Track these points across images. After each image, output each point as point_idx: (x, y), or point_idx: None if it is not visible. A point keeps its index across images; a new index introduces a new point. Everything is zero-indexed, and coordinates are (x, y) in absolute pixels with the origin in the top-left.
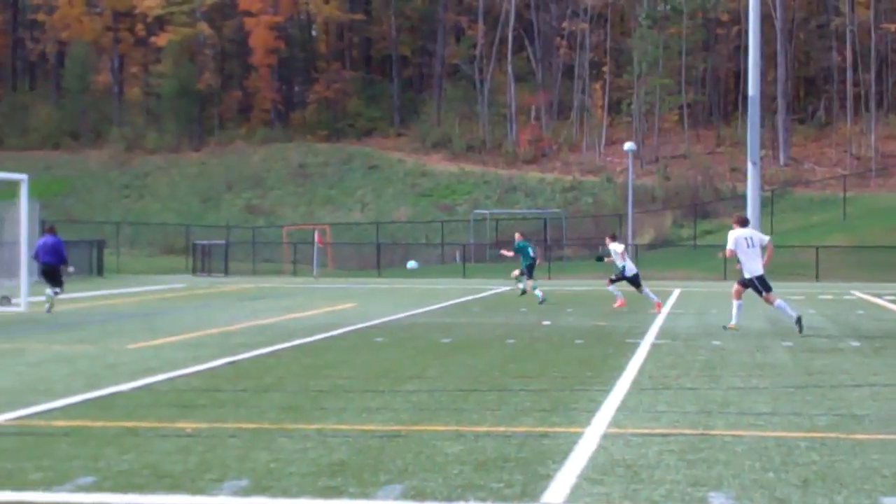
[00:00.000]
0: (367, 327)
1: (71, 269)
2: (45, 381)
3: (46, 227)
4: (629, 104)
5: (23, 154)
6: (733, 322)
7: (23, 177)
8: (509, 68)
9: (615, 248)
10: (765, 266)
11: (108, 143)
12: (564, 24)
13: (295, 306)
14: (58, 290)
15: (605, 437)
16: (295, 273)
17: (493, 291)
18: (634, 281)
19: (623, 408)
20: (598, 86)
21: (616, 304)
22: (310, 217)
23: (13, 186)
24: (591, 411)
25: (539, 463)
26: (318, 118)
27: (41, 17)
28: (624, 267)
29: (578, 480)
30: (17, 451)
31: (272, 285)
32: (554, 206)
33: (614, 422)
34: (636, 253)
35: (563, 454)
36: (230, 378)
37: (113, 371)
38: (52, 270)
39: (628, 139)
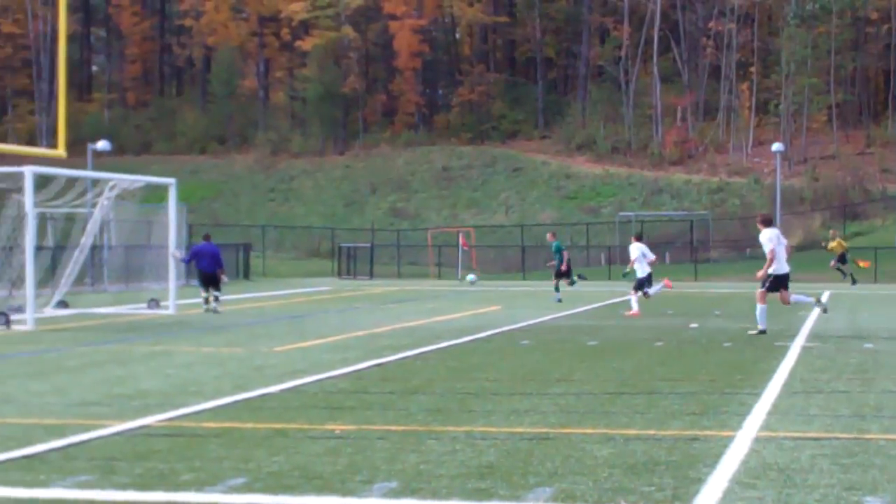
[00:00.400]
0: (512, 330)
1: (225, 279)
2: (195, 383)
3: (203, 235)
4: (777, 104)
5: (170, 158)
6: (760, 326)
7: (171, 181)
8: (655, 69)
9: (632, 249)
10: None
11: (253, 148)
12: (711, 24)
13: (440, 309)
14: (217, 294)
15: (757, 440)
16: (440, 276)
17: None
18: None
19: (774, 411)
20: (745, 86)
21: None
22: (454, 220)
23: (161, 191)
24: (742, 415)
25: (690, 467)
26: (461, 121)
27: (188, 22)
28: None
29: (730, 484)
30: (168, 453)
31: (417, 288)
32: (700, 208)
33: (766, 425)
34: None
35: (715, 458)
36: (377, 380)
37: (261, 373)
38: (212, 277)
39: (776, 140)
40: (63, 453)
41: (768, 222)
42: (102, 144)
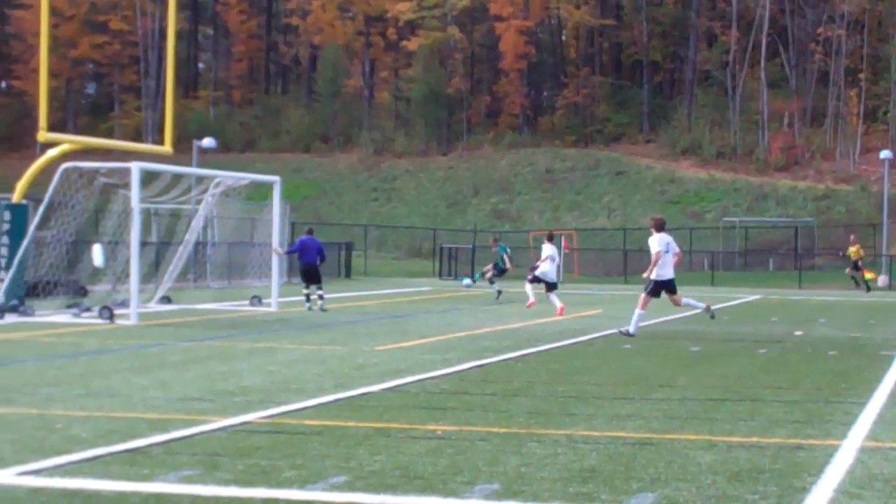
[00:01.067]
0: (614, 334)
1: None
2: (297, 381)
3: (307, 230)
4: (885, 112)
5: (274, 156)
6: (632, 329)
7: (276, 179)
8: (762, 74)
9: (546, 249)
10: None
11: (357, 147)
12: (820, 30)
13: (541, 311)
14: (321, 292)
15: (863, 450)
16: None
17: (742, 300)
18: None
19: (880, 421)
20: (853, 93)
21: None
22: (556, 222)
23: (265, 188)
24: (847, 424)
25: (794, 475)
26: (566, 123)
27: (294, 21)
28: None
29: (835, 494)
30: (270, 449)
31: (517, 290)
32: (805, 215)
33: (872, 435)
34: (890, 263)
35: (819, 467)
36: (478, 382)
37: (362, 372)
38: (314, 269)
39: (884, 147)
40: (166, 448)
41: (661, 227)
42: (208, 142)
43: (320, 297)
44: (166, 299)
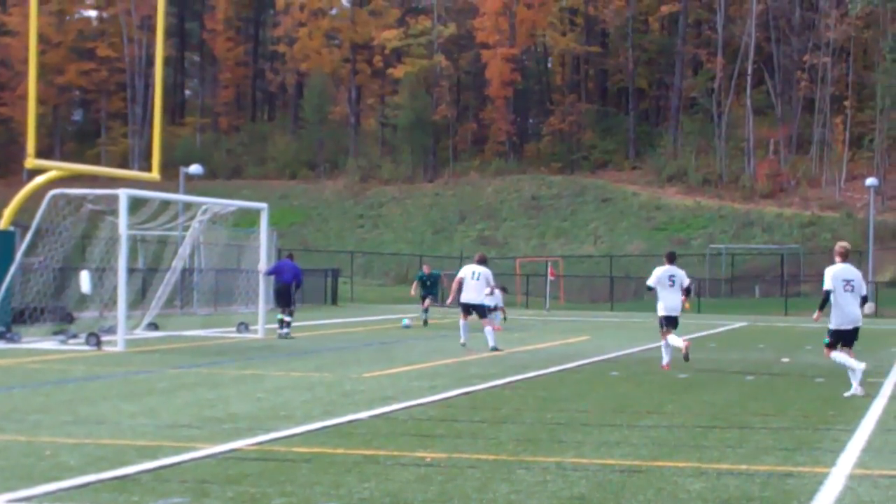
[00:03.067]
0: (601, 361)
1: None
2: (285, 407)
3: (286, 254)
4: (871, 139)
5: (261, 183)
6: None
7: (263, 206)
8: (748, 101)
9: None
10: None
11: (343, 174)
12: (805, 58)
13: (528, 338)
14: (290, 319)
15: (852, 477)
16: (527, 305)
17: (729, 327)
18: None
19: (869, 448)
20: (839, 120)
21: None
22: (542, 249)
23: (252, 215)
24: (836, 451)
25: (784, 503)
26: (552, 150)
27: (281, 48)
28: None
29: None
30: (259, 477)
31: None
32: (791, 242)
33: (860, 462)
34: (876, 290)
35: (809, 495)
36: (467, 408)
37: (350, 399)
38: (287, 291)
39: (870, 174)
40: (155, 475)
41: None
42: (195, 168)
43: (286, 322)
44: (153, 326)
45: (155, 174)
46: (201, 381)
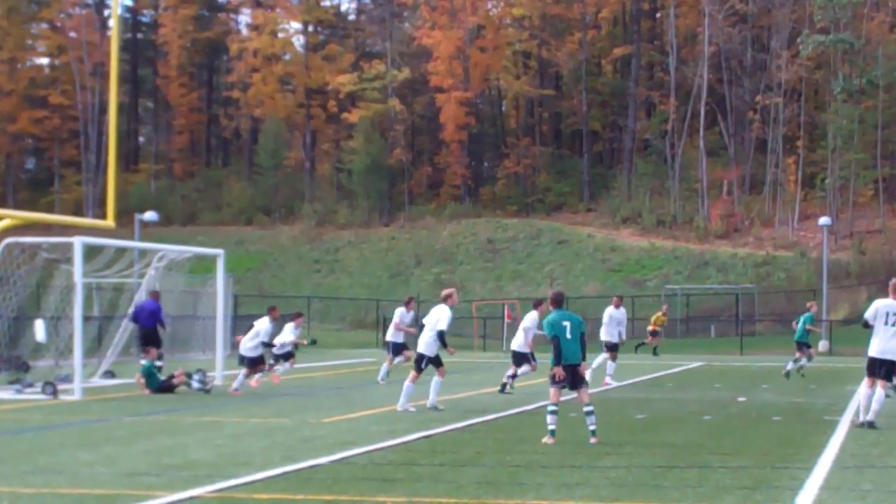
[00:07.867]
0: (560, 403)
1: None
2: (244, 454)
3: (149, 293)
4: (823, 179)
5: (216, 229)
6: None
7: (220, 252)
8: (701, 143)
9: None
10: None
11: (299, 219)
12: (757, 99)
13: (486, 381)
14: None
15: None
16: (484, 348)
17: (685, 367)
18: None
19: (826, 486)
20: (791, 160)
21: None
22: (499, 292)
23: (208, 261)
24: (794, 489)
25: None
26: (507, 193)
27: (235, 94)
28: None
29: None
30: None
31: (462, 360)
32: (746, 282)
33: (819, 500)
34: (830, 329)
35: None
36: (426, 452)
37: (310, 444)
38: (151, 333)
39: (822, 214)
40: None
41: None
42: (150, 215)
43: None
44: (110, 374)
45: (110, 221)
46: (159, 429)
